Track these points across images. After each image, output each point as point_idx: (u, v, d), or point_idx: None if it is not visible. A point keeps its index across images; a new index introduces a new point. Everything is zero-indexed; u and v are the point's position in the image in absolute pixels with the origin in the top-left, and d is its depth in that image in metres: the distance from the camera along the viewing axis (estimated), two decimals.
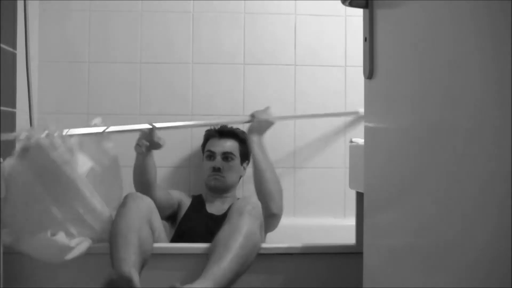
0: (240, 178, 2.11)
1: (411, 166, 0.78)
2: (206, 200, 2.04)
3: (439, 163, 0.69)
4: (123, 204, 1.58)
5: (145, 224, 1.56)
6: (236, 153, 2.04)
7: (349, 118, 2.31)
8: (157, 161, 2.21)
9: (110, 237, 1.52)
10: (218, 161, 2.00)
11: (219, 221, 1.78)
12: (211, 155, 2.03)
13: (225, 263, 1.42)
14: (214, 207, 1.99)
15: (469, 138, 0.62)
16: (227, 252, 1.44)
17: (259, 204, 1.63)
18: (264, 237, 1.83)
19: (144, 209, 1.59)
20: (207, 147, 2.07)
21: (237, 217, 1.54)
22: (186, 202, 2.02)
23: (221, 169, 1.99)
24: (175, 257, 1.60)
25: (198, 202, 2.03)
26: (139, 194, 1.65)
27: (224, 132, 2.07)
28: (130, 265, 1.40)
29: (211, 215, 1.95)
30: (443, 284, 0.67)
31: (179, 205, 2.01)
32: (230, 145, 2.04)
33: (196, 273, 1.56)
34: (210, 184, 2.01)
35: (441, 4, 0.69)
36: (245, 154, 2.09)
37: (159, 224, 1.69)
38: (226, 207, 1.94)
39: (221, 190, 2.02)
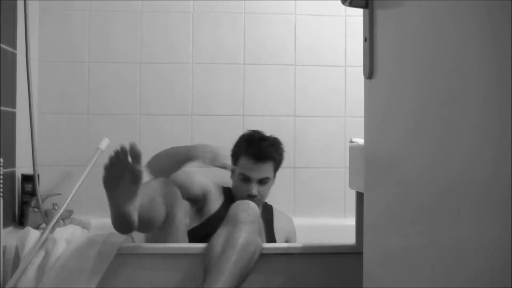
0: None
1: (411, 166, 0.78)
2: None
3: (439, 163, 0.69)
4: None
5: (159, 196, 1.55)
6: (271, 173, 1.94)
7: (349, 118, 2.31)
8: None
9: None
10: (255, 188, 1.89)
11: None
12: (246, 179, 1.91)
13: (219, 285, 1.37)
14: None
15: (470, 138, 0.62)
16: (220, 275, 1.38)
17: (254, 207, 1.58)
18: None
19: (166, 190, 1.58)
20: (241, 169, 1.91)
21: (231, 228, 1.50)
22: (215, 195, 1.94)
23: (257, 195, 1.90)
24: (175, 257, 1.59)
25: (229, 200, 1.93)
26: (168, 180, 1.64)
27: (260, 157, 1.90)
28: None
29: None
30: (443, 284, 0.67)
31: (206, 197, 1.92)
32: (266, 168, 1.91)
33: (194, 273, 1.56)
34: None
35: (441, 4, 0.69)
36: (277, 167, 1.99)
37: (182, 216, 1.65)
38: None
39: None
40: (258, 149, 1.90)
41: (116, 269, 1.55)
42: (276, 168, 1.97)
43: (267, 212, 2.01)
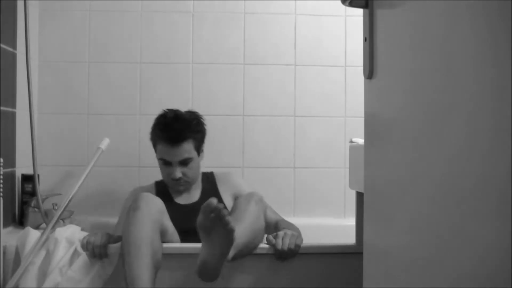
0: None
1: (411, 166, 0.78)
2: (172, 191, 1.91)
3: (439, 163, 0.69)
4: (136, 207, 1.52)
5: (157, 232, 1.52)
6: (193, 152, 1.83)
7: (349, 118, 2.31)
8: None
9: (122, 245, 1.49)
10: (177, 170, 1.81)
11: (190, 210, 1.76)
12: (166, 163, 1.83)
13: (241, 228, 1.44)
14: (182, 198, 1.90)
15: (470, 138, 0.62)
16: (242, 220, 1.48)
17: (263, 198, 1.66)
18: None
19: (156, 213, 1.54)
20: (159, 154, 1.83)
21: (245, 204, 1.58)
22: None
23: (182, 177, 1.83)
24: (174, 257, 1.59)
25: (163, 194, 1.86)
26: (150, 195, 1.58)
27: (176, 139, 1.79)
28: (145, 282, 1.40)
29: (181, 206, 1.86)
30: (443, 284, 0.67)
31: None
32: (185, 149, 1.80)
33: (194, 273, 1.56)
34: (174, 189, 1.89)
35: (441, 4, 0.69)
36: (200, 143, 1.89)
37: (171, 224, 1.65)
38: (194, 195, 1.90)
39: (186, 191, 1.91)
40: (172, 132, 1.79)
41: (117, 270, 1.55)
42: (199, 145, 1.87)
43: (208, 180, 1.97)
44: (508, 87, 0.54)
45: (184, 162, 1.82)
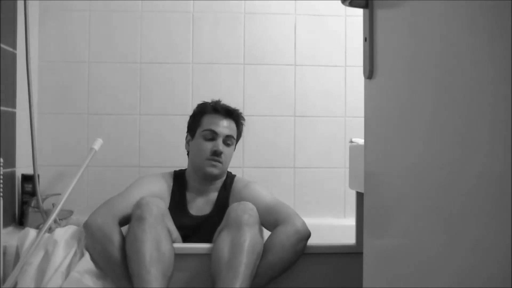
0: None
1: (411, 166, 0.78)
2: (188, 198, 1.81)
3: (439, 163, 0.69)
4: (140, 217, 1.50)
5: (166, 238, 1.52)
6: (234, 136, 1.84)
7: (349, 118, 2.31)
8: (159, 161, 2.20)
9: (130, 263, 1.47)
10: (220, 144, 1.76)
11: (201, 222, 1.75)
12: (212, 136, 1.78)
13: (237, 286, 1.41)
14: (196, 207, 1.80)
15: (471, 138, 0.62)
16: (235, 279, 1.42)
17: (253, 207, 1.58)
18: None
19: (161, 220, 1.53)
20: (206, 125, 1.79)
21: (236, 231, 1.50)
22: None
23: (222, 154, 1.76)
24: (180, 258, 1.58)
25: (179, 199, 1.80)
26: (152, 201, 1.55)
27: (229, 111, 1.83)
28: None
29: (193, 216, 1.79)
30: (443, 284, 0.67)
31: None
32: (232, 127, 1.82)
33: (197, 274, 1.56)
34: (206, 170, 1.76)
35: (441, 4, 0.69)
36: (238, 137, 1.89)
37: (174, 227, 1.63)
38: (207, 207, 1.80)
39: (216, 178, 1.80)
40: (225, 106, 1.83)
41: None
42: (237, 136, 1.87)
43: (226, 188, 1.85)
44: (508, 87, 0.54)
45: (227, 140, 1.80)
